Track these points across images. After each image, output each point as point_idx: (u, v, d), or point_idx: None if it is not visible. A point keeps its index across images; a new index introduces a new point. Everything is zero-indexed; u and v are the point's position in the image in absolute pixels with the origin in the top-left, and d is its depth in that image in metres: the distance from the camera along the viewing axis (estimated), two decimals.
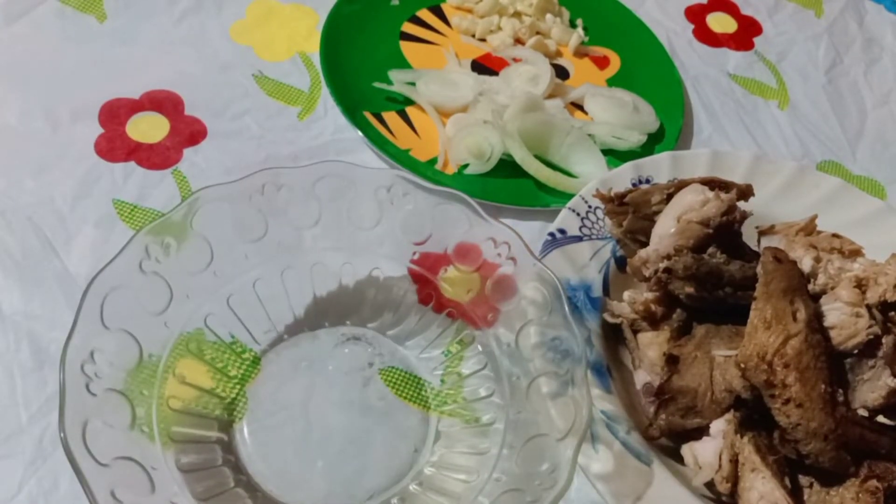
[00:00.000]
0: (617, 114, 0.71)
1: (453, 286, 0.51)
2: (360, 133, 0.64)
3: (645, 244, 0.53)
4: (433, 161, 0.65)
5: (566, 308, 0.46)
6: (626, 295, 0.54)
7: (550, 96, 0.72)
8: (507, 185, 0.65)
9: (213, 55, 0.69)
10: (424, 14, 0.79)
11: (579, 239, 0.57)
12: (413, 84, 0.69)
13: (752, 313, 0.46)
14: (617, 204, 0.55)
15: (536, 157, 0.65)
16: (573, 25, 0.81)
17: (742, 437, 0.46)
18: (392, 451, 0.48)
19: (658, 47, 0.80)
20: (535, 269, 0.48)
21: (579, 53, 0.79)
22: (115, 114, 0.63)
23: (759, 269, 0.48)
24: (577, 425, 0.42)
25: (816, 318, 0.46)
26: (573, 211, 0.58)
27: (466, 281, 0.51)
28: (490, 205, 0.60)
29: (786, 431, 0.45)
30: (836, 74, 0.84)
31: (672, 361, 0.50)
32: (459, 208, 0.49)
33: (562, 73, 0.76)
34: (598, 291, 0.56)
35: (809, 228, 0.55)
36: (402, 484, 0.46)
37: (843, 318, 0.46)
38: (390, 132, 0.66)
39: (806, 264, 0.50)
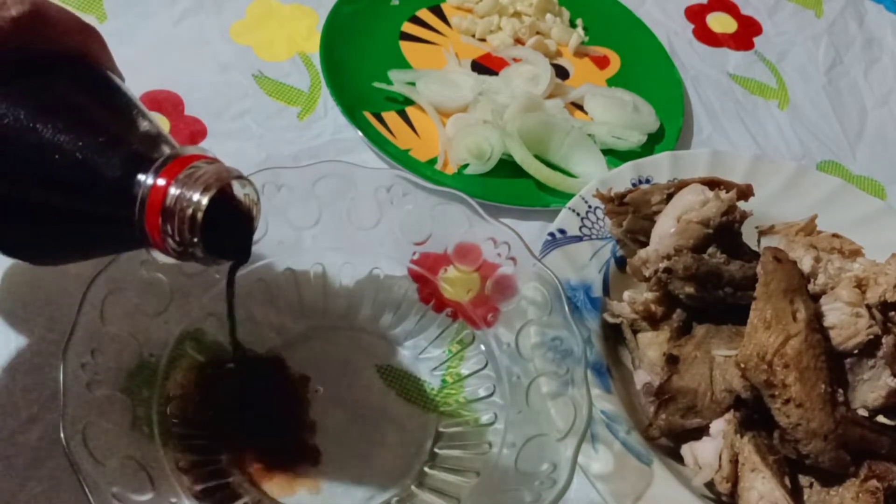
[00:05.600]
0: (617, 114, 0.71)
1: (453, 286, 0.51)
2: (360, 133, 0.64)
3: (645, 244, 0.53)
4: (433, 161, 0.65)
5: (566, 308, 0.46)
6: (626, 295, 0.54)
7: (550, 96, 0.72)
8: (507, 185, 0.65)
9: (213, 55, 0.69)
10: (424, 14, 0.79)
11: (579, 239, 0.58)
12: (413, 84, 0.69)
13: (752, 313, 0.46)
14: (617, 204, 0.55)
15: (536, 157, 0.65)
16: (573, 25, 0.81)
17: (742, 437, 0.47)
18: (392, 451, 0.48)
19: (658, 47, 0.80)
20: (535, 269, 0.48)
21: (579, 53, 0.79)
22: None
23: (759, 269, 0.48)
24: (577, 425, 0.42)
25: (816, 318, 0.47)
26: (573, 211, 0.59)
27: (466, 281, 0.51)
28: (490, 205, 0.60)
29: (786, 431, 0.45)
30: (836, 74, 0.84)
31: (672, 361, 0.50)
32: (459, 208, 0.49)
33: (562, 73, 0.76)
34: (598, 291, 0.56)
35: (809, 228, 0.55)
36: (402, 484, 0.46)
37: (843, 318, 0.47)
38: (390, 132, 0.66)
39: (806, 264, 0.50)
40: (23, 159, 0.33)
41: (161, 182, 0.32)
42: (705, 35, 0.85)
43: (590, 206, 0.59)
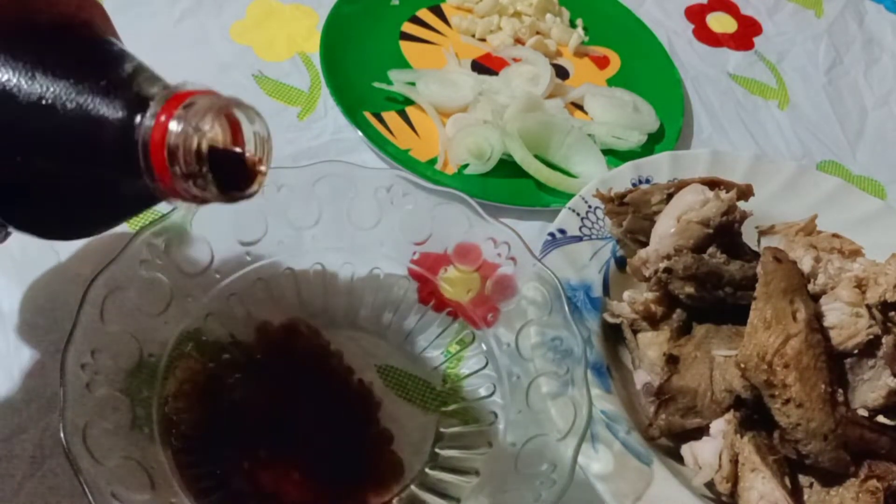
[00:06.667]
0: (617, 114, 0.71)
1: (453, 286, 0.51)
2: (360, 133, 0.64)
3: (645, 244, 0.53)
4: (433, 161, 0.65)
5: (566, 308, 0.46)
6: (626, 295, 0.54)
7: (550, 96, 0.72)
8: (507, 185, 0.65)
9: (213, 55, 0.69)
10: (424, 14, 0.79)
11: (579, 239, 0.58)
12: (413, 84, 0.69)
13: (752, 313, 0.46)
14: (617, 204, 0.55)
15: (536, 157, 0.65)
16: (573, 25, 0.81)
17: (742, 437, 0.46)
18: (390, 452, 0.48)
19: (658, 47, 0.80)
20: (535, 269, 0.48)
21: (579, 53, 0.79)
22: None
23: (759, 269, 0.48)
24: (577, 425, 0.42)
25: (816, 318, 0.46)
26: (573, 211, 0.58)
27: (466, 281, 0.51)
28: (490, 205, 0.60)
29: (786, 431, 0.45)
30: (836, 74, 0.84)
31: (672, 361, 0.50)
32: (459, 208, 0.49)
33: (562, 73, 0.76)
34: (598, 291, 0.56)
35: (809, 228, 0.55)
36: (402, 484, 0.46)
37: (843, 318, 0.47)
38: (390, 132, 0.66)
39: (806, 264, 0.50)
40: (18, 120, 0.33)
41: (162, 119, 0.32)
42: (705, 35, 0.85)
43: (590, 206, 0.59)
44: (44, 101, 0.32)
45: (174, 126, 0.32)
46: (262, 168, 0.36)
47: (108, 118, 0.32)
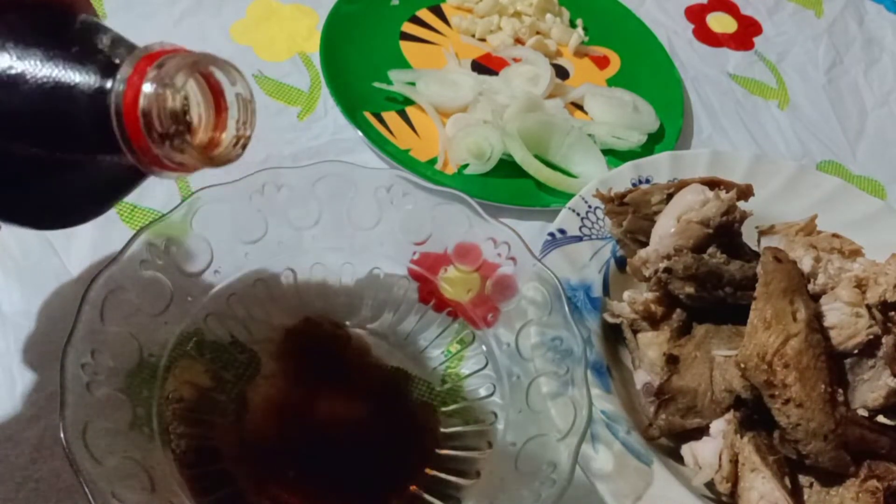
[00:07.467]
0: (617, 114, 0.71)
1: (453, 286, 0.51)
2: (360, 133, 0.64)
3: (645, 244, 0.53)
4: (433, 161, 0.65)
5: (566, 308, 0.46)
6: (626, 295, 0.54)
7: (550, 96, 0.72)
8: (507, 185, 0.65)
9: None
10: (424, 14, 0.79)
11: (579, 239, 0.58)
12: (413, 84, 0.69)
13: (752, 313, 0.46)
14: (617, 204, 0.55)
15: (536, 157, 0.65)
16: (573, 25, 0.81)
17: (742, 437, 0.47)
18: (392, 451, 0.48)
19: (658, 47, 0.80)
20: (535, 269, 0.48)
21: (579, 53, 0.79)
22: None
23: (759, 269, 0.48)
24: (577, 425, 0.42)
25: (816, 318, 0.47)
26: (573, 211, 0.58)
27: (466, 281, 0.51)
28: (490, 205, 0.60)
29: (786, 431, 0.45)
30: (836, 74, 0.84)
31: (672, 361, 0.50)
32: (459, 208, 0.49)
33: (562, 73, 0.76)
34: (598, 291, 0.56)
35: (809, 228, 0.55)
36: (402, 485, 0.46)
37: (843, 318, 0.47)
38: (390, 132, 0.66)
39: (806, 264, 0.50)
40: None
41: (134, 80, 0.30)
42: (705, 35, 0.85)
43: (590, 206, 0.59)
44: (13, 72, 0.31)
45: (147, 87, 0.30)
46: (247, 130, 0.35)
47: (79, 85, 0.31)
